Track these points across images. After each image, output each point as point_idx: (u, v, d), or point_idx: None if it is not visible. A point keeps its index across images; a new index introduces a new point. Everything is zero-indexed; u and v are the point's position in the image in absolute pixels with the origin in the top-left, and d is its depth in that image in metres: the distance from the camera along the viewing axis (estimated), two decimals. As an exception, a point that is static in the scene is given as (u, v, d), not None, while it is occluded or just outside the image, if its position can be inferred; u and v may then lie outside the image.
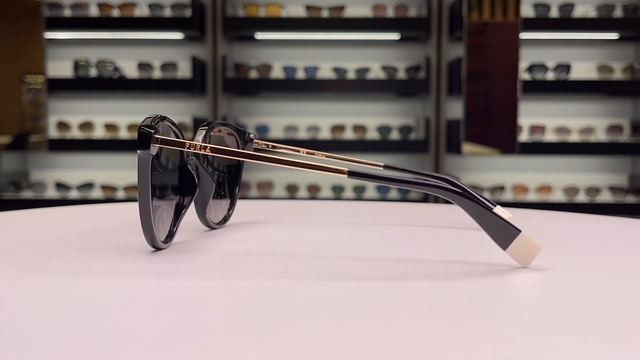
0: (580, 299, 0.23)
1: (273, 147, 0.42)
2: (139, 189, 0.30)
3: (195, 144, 0.30)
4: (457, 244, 0.35)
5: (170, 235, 0.33)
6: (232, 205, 0.42)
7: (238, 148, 0.41)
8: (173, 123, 0.34)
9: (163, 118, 0.32)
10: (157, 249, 0.32)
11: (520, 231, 0.28)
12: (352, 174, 0.29)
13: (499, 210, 0.38)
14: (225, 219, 0.41)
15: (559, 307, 0.22)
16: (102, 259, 0.30)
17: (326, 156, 0.39)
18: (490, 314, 0.21)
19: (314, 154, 0.39)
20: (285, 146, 0.41)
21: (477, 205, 0.28)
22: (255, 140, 0.43)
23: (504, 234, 0.28)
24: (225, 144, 0.41)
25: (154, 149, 0.29)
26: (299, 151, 0.40)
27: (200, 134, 0.37)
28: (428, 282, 0.25)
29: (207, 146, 0.30)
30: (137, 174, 0.30)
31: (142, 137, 0.29)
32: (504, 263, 0.29)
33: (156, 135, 0.30)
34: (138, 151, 0.29)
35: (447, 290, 0.24)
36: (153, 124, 0.30)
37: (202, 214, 0.37)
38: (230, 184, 0.42)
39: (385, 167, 0.38)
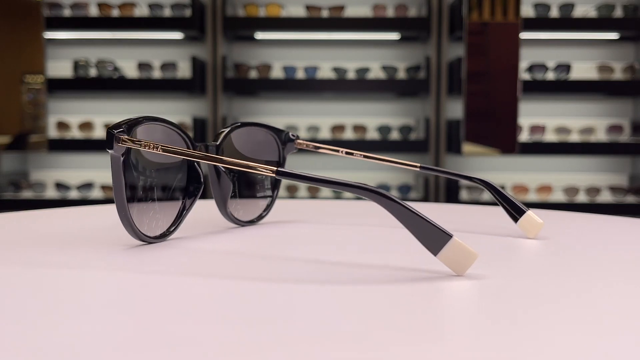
0: (495, 311, 0.22)
1: (315, 147, 0.42)
2: (114, 187, 0.32)
3: (150, 144, 0.31)
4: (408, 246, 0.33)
5: (169, 230, 0.35)
6: (268, 205, 0.43)
7: (278, 148, 0.43)
8: (171, 124, 0.35)
9: (143, 120, 0.33)
10: (148, 242, 0.34)
11: (451, 236, 0.26)
12: (280, 173, 0.28)
13: (531, 214, 0.36)
14: (260, 217, 0.42)
15: (464, 320, 0.20)
16: (79, 251, 0.31)
17: (364, 156, 0.39)
18: (393, 323, 0.20)
19: (352, 154, 0.39)
20: (326, 146, 0.41)
21: (403, 207, 0.26)
22: (299, 140, 0.43)
23: (435, 239, 0.26)
24: (256, 144, 0.41)
25: (119, 148, 0.31)
26: (338, 151, 0.40)
27: (220, 135, 0.39)
28: (351, 287, 0.25)
29: (158, 145, 0.31)
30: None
31: (107, 138, 0.31)
32: (442, 270, 0.27)
33: (121, 136, 0.31)
34: (108, 150, 0.32)
35: (364, 295, 0.23)
36: (122, 125, 0.32)
37: (223, 210, 0.39)
38: (262, 183, 0.42)
39: (422, 167, 0.38)
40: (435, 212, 0.50)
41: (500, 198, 0.36)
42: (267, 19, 2.23)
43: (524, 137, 2.25)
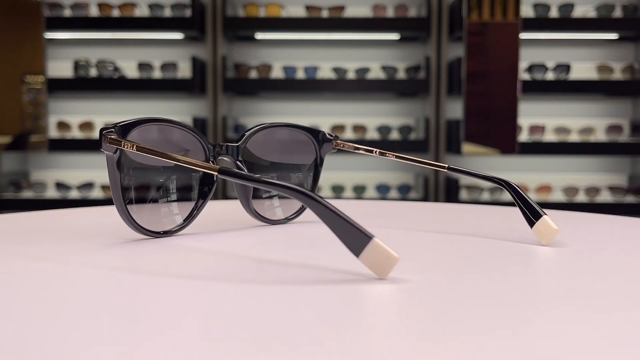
0: (400, 318, 0.21)
1: (355, 148, 0.41)
2: (110, 184, 0.34)
3: (128, 143, 0.32)
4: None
5: (179, 227, 0.36)
6: (302, 205, 0.42)
7: (315, 149, 0.43)
8: (182, 125, 0.36)
9: (144, 121, 0.34)
10: (154, 237, 0.35)
11: (371, 238, 0.25)
12: (222, 172, 0.29)
13: (547, 219, 0.34)
14: (293, 215, 0.42)
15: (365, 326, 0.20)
16: (70, 246, 0.32)
17: (396, 156, 0.39)
18: (290, 325, 0.20)
19: (385, 154, 0.39)
20: (363, 147, 0.41)
21: (324, 207, 0.25)
22: (336, 141, 0.43)
23: (356, 240, 0.25)
24: (289, 145, 0.42)
25: (109, 148, 0.33)
26: (372, 151, 0.40)
27: (243, 135, 0.39)
28: (269, 287, 0.24)
29: (134, 144, 0.32)
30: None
31: (99, 137, 0.33)
32: (367, 273, 0.27)
33: (109, 136, 0.33)
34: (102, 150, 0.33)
35: (279, 296, 0.23)
36: (116, 125, 0.33)
37: (247, 208, 0.40)
38: (296, 183, 0.42)
39: (449, 168, 0.38)
40: (453, 213, 0.50)
41: (519, 200, 0.35)
42: (267, 19, 2.23)
43: (523, 137, 2.25)
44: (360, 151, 0.41)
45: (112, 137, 0.33)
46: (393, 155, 0.39)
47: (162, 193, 0.36)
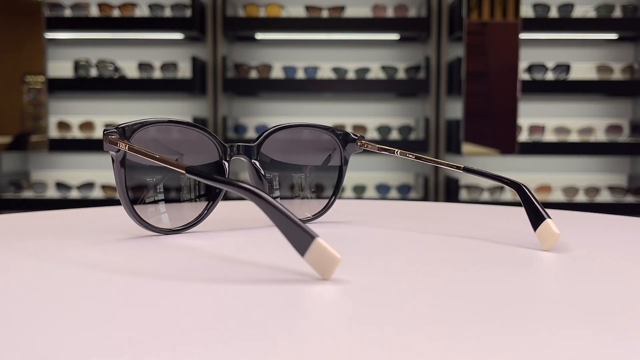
0: (333, 320, 0.21)
1: (380, 148, 0.41)
2: (115, 183, 0.35)
3: (127, 145, 0.33)
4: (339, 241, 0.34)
5: (191, 224, 0.37)
6: (325, 205, 0.43)
7: (339, 149, 0.43)
8: (194, 125, 0.37)
9: (147, 123, 0.35)
10: (162, 233, 0.36)
11: (314, 237, 0.25)
12: (189, 171, 0.29)
13: (549, 223, 0.32)
14: (316, 215, 0.42)
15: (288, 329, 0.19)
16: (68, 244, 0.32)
17: (415, 157, 0.39)
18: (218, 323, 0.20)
19: (406, 154, 0.39)
20: (386, 147, 0.41)
21: (272, 207, 0.25)
22: (361, 141, 0.42)
23: (301, 240, 0.25)
24: (311, 145, 0.42)
25: (110, 148, 0.34)
26: (393, 152, 0.40)
27: (261, 135, 0.40)
28: (217, 286, 0.24)
29: (127, 145, 0.33)
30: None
31: (103, 138, 0.35)
32: (312, 273, 0.26)
33: (111, 137, 0.34)
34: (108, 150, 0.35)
35: (219, 295, 0.23)
36: (120, 126, 0.34)
37: None
38: (317, 184, 0.43)
39: (465, 169, 0.38)
40: (461, 212, 0.50)
41: (525, 203, 0.34)
42: (267, 20, 2.23)
43: (523, 137, 2.25)
44: (383, 152, 0.40)
45: (112, 137, 0.34)
46: (413, 155, 0.39)
47: (167, 191, 0.36)
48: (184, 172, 0.29)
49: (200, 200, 0.38)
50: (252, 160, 0.39)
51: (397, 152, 0.40)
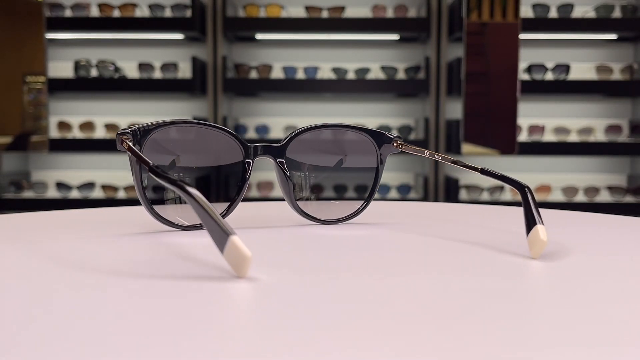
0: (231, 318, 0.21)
1: (415, 150, 0.40)
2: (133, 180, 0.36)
3: (128, 145, 0.35)
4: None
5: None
6: (360, 206, 0.42)
7: (374, 150, 0.42)
8: (216, 127, 0.38)
9: (158, 126, 0.36)
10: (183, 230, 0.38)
11: (229, 235, 0.25)
12: (152, 170, 0.30)
13: (538, 229, 0.30)
14: (349, 216, 0.42)
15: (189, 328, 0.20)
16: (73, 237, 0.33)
17: (442, 158, 0.39)
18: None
19: (434, 155, 0.39)
20: (417, 148, 0.40)
21: (197, 203, 0.26)
22: (397, 142, 0.41)
23: (220, 237, 0.25)
24: (345, 146, 0.42)
25: (120, 147, 0.35)
26: (423, 152, 0.40)
27: (292, 135, 0.40)
28: (134, 280, 0.25)
29: (129, 145, 0.34)
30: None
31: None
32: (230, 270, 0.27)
33: (122, 137, 0.35)
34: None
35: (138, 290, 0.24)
36: (128, 129, 0.36)
37: (293, 207, 0.40)
38: (351, 185, 0.43)
39: (482, 170, 0.37)
40: (459, 211, 0.50)
41: (524, 206, 0.32)
42: (267, 20, 2.23)
43: (523, 137, 2.26)
44: (418, 153, 0.40)
45: (123, 137, 0.35)
46: (440, 156, 0.39)
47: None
48: (147, 168, 0.30)
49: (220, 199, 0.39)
50: (278, 160, 0.39)
51: (426, 152, 0.40)
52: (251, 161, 0.39)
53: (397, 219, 0.45)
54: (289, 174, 0.40)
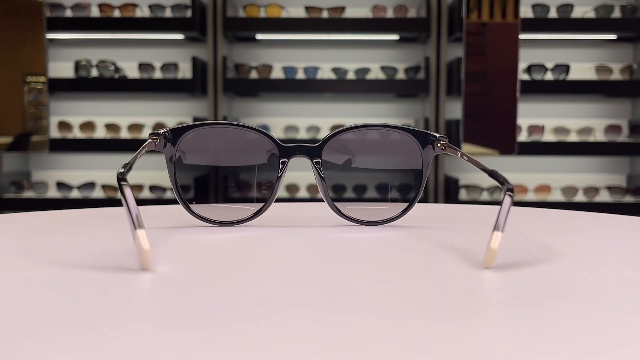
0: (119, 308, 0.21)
1: (457, 152, 0.39)
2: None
3: (147, 145, 0.37)
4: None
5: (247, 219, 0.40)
6: (404, 208, 0.41)
7: (418, 150, 0.40)
8: (253, 128, 0.40)
9: (189, 128, 0.39)
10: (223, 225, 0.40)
11: (135, 229, 0.26)
12: (121, 177, 0.31)
13: (494, 235, 0.28)
14: (390, 219, 0.41)
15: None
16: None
17: (468, 159, 0.38)
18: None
19: (464, 156, 0.39)
20: (454, 148, 0.40)
21: (123, 198, 0.28)
22: (440, 142, 0.40)
23: (132, 230, 0.27)
24: (387, 147, 0.41)
25: (164, 148, 0.39)
26: (456, 153, 0.39)
27: (330, 136, 0.40)
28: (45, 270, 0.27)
29: (146, 146, 0.37)
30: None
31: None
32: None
33: (152, 138, 0.38)
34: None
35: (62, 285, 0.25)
36: (162, 132, 0.38)
37: (330, 207, 0.41)
38: (393, 186, 0.41)
39: (492, 173, 0.37)
40: (455, 212, 0.50)
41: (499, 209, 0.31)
42: (268, 20, 2.24)
43: (522, 137, 2.26)
44: (452, 154, 0.39)
45: (153, 138, 0.38)
46: (466, 157, 0.39)
47: (220, 187, 0.39)
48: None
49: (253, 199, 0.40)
50: (314, 161, 0.40)
51: (458, 153, 0.39)
52: (286, 161, 0.39)
53: (444, 223, 0.43)
54: (324, 175, 0.40)
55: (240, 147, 0.40)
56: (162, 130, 0.38)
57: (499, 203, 0.32)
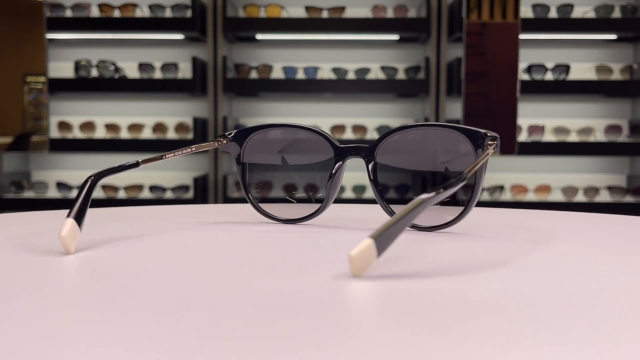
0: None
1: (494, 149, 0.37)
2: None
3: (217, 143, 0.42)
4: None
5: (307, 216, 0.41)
6: (460, 212, 0.37)
7: (472, 151, 0.37)
8: (307, 128, 0.41)
9: (250, 131, 0.43)
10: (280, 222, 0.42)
11: (67, 217, 0.31)
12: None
13: (367, 243, 0.25)
14: (447, 223, 0.38)
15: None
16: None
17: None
18: None
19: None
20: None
21: (78, 193, 0.33)
22: (489, 141, 0.36)
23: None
24: (440, 147, 0.39)
25: (231, 147, 0.43)
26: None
27: (384, 136, 0.40)
28: None
29: (197, 146, 0.41)
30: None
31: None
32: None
33: (220, 139, 0.43)
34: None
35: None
36: (235, 130, 0.42)
37: (383, 209, 0.40)
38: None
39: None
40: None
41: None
42: (268, 20, 2.24)
43: (522, 137, 2.26)
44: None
45: (221, 139, 0.42)
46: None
47: (283, 185, 0.41)
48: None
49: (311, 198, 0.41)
50: (368, 161, 0.40)
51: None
52: (342, 162, 0.40)
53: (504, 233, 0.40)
54: (377, 176, 0.40)
55: (301, 147, 0.42)
56: (230, 132, 0.42)
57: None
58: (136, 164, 0.38)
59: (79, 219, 0.31)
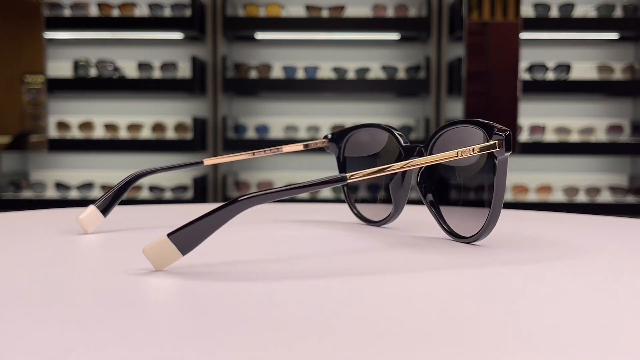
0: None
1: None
2: None
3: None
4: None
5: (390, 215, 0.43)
6: (487, 215, 0.35)
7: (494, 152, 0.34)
8: (379, 126, 0.43)
9: (348, 131, 0.45)
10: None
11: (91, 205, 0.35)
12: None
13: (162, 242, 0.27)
14: (480, 230, 0.35)
15: None
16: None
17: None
18: None
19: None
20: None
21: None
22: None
23: None
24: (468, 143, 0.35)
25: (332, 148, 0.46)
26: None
27: (434, 133, 0.38)
28: None
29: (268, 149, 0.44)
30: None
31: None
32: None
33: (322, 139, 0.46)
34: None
35: None
36: (335, 132, 0.45)
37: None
38: (471, 191, 0.36)
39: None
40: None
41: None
42: (267, 19, 2.23)
43: (524, 137, 2.25)
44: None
45: (321, 140, 0.45)
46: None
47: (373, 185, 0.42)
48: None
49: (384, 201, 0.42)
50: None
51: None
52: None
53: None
54: (417, 177, 0.39)
55: (379, 148, 0.43)
56: (331, 134, 0.45)
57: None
58: (200, 162, 0.41)
59: (105, 207, 0.36)
